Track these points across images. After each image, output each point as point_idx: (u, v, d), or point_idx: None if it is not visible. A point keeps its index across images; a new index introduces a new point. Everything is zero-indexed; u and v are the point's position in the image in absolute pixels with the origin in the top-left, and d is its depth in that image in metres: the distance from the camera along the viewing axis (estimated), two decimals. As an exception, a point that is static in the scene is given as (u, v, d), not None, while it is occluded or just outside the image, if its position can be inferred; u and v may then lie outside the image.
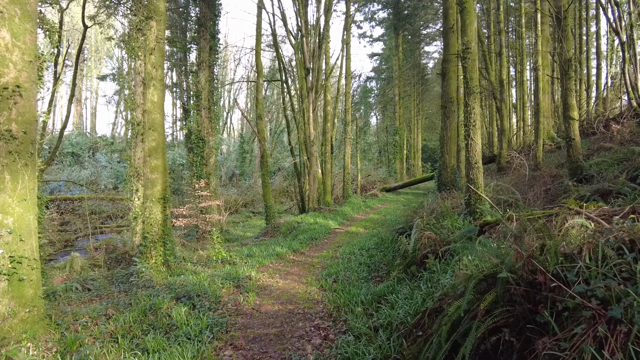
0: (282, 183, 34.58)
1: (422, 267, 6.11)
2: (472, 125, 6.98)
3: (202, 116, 18.71)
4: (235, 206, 25.69)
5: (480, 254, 4.36)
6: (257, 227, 20.28)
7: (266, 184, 16.53)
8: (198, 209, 17.23)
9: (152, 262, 10.03)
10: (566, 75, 8.51)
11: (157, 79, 10.48)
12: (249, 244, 13.79)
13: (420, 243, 6.22)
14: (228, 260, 10.39)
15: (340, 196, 25.27)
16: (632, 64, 15.90)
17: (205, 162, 18.68)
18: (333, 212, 17.75)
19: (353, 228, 14.51)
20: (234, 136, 54.75)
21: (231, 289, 7.07)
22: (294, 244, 11.54)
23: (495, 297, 2.78)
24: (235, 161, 43.36)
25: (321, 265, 9.03)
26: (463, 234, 5.92)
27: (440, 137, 14.37)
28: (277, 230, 15.14)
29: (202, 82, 18.82)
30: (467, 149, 7.03)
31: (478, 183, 6.91)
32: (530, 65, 29.71)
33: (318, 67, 19.17)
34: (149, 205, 10.20)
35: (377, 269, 8.45)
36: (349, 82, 24.31)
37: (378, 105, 52.20)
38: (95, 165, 37.00)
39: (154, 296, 6.79)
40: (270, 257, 10.05)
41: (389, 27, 41.18)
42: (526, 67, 30.71)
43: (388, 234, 12.13)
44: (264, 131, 17.37)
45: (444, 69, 13.95)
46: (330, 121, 22.82)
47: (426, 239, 6.16)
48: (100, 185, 32.35)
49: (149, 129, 10.32)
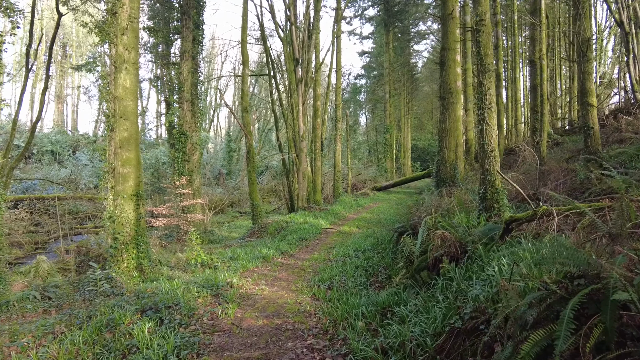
0: (270, 182, 33.50)
1: (435, 273, 5.17)
2: (488, 108, 6.07)
3: (184, 109, 17.59)
4: (220, 206, 24.56)
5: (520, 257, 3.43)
6: (244, 227, 19.22)
7: (252, 181, 15.48)
8: (179, 208, 16.10)
9: (123, 267, 8.97)
10: (584, 57, 7.69)
11: (130, 62, 9.41)
12: (234, 246, 12.76)
13: (432, 244, 5.27)
14: (208, 263, 9.34)
15: (331, 195, 24.31)
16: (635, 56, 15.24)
17: (188, 158, 17.57)
18: (324, 211, 16.78)
19: (345, 227, 13.55)
20: (221, 135, 53.47)
21: (208, 299, 6.04)
22: (283, 246, 10.54)
23: (603, 330, 1.84)
24: (222, 160, 42.13)
25: (313, 269, 8.05)
26: (484, 232, 5.00)
27: (438, 131, 13.48)
28: (264, 231, 14.12)
29: (184, 74, 17.70)
30: (482, 135, 6.11)
31: (495, 174, 6.01)
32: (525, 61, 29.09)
33: (308, 59, 18.19)
34: (120, 202, 9.14)
35: (376, 273, 7.51)
36: (340, 77, 23.38)
37: (368, 104, 51.44)
38: (75, 164, 35.48)
39: (117, 308, 5.75)
40: (255, 260, 9.04)
41: (379, 23, 40.46)
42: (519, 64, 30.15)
43: (385, 234, 11.20)
44: (250, 125, 16.33)
45: (442, 57, 13.06)
46: (320, 117, 21.84)
47: (439, 239, 5.22)
48: (80, 184, 30.90)
49: (120, 118, 9.25)
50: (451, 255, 5.09)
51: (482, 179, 6.16)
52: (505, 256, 3.99)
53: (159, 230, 17.08)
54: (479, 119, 6.22)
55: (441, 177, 12.90)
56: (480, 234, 5.02)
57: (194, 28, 18.16)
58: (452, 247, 5.09)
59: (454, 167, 12.93)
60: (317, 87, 21.59)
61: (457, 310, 3.68)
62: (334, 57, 24.00)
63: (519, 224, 4.60)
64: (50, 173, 31.80)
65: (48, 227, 18.37)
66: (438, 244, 5.20)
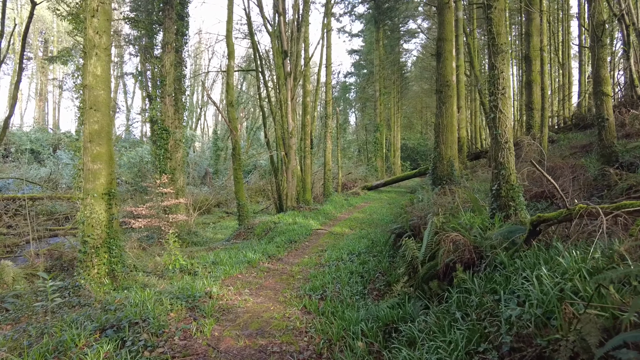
0: (258, 181, 32.59)
1: (446, 282, 4.44)
2: (501, 93, 5.37)
3: (166, 104, 16.67)
4: (206, 206, 23.62)
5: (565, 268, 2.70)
6: (230, 228, 18.36)
7: (238, 180, 14.63)
8: (160, 208, 15.19)
9: (93, 273, 8.11)
10: (598, 42, 7.06)
11: (101, 47, 8.53)
12: (218, 248, 11.92)
13: (443, 249, 4.53)
14: (188, 269, 8.51)
15: (321, 194, 23.55)
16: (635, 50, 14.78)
17: (170, 155, 16.65)
18: (314, 211, 16.01)
19: (337, 228, 12.79)
20: (208, 133, 52.36)
21: (183, 313, 5.22)
22: (270, 248, 9.73)
23: None
24: (209, 159, 41.12)
25: (303, 276, 7.26)
26: (503, 235, 4.27)
27: (434, 126, 12.80)
28: (250, 232, 13.29)
29: (166, 66, 16.77)
30: (495, 124, 5.40)
31: (510, 168, 5.30)
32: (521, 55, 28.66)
33: (297, 52, 17.40)
34: (90, 202, 8.27)
35: (373, 279, 6.76)
36: (330, 73, 22.63)
37: (357, 103, 50.83)
38: (56, 162, 34.18)
39: (74, 324, 4.92)
40: (239, 265, 8.22)
41: (369, 20, 39.90)
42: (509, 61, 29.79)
43: (380, 235, 10.48)
44: (236, 120, 15.47)
45: (438, 48, 12.38)
46: (309, 114, 21.05)
47: (450, 243, 4.48)
48: (60, 183, 29.68)
49: (90, 109, 8.37)
50: (465, 261, 4.36)
51: (496, 174, 5.44)
52: (540, 265, 3.26)
53: (139, 231, 16.18)
54: (491, 106, 5.50)
55: (438, 175, 12.22)
56: (499, 237, 4.29)
57: (177, 19, 17.26)
58: (467, 252, 4.36)
59: (451, 164, 12.27)
60: (306, 82, 20.81)
61: (485, 336, 2.93)
62: (323, 52, 23.25)
63: (549, 225, 3.88)
64: (29, 172, 30.53)
65: (20, 229, 17.28)
66: (450, 249, 4.46)
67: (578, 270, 2.77)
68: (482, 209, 6.95)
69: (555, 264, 3.16)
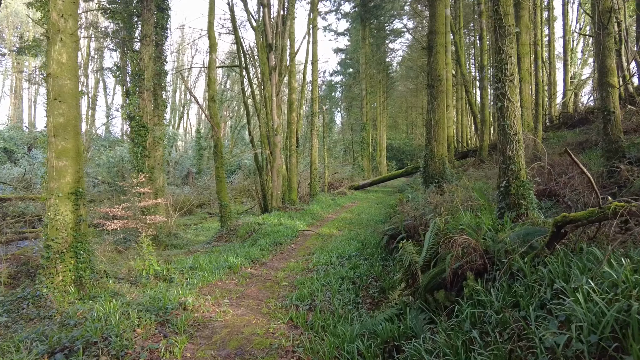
0: (242, 181, 31.78)
1: (455, 292, 3.87)
2: (509, 80, 4.84)
3: (144, 99, 15.85)
4: (188, 206, 22.78)
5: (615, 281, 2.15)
6: (212, 229, 17.62)
7: (221, 179, 13.91)
8: (137, 208, 14.38)
9: (57, 281, 7.36)
10: (604, 30, 6.62)
11: (67, 32, 7.78)
12: (198, 251, 11.21)
13: (451, 254, 3.97)
14: (164, 275, 7.81)
15: (307, 194, 22.93)
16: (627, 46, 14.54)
17: (148, 154, 15.83)
18: (300, 212, 15.39)
19: (325, 229, 12.20)
20: (191, 132, 51.26)
21: (152, 328, 4.56)
22: (253, 252, 9.07)
23: None
24: (191, 159, 40.13)
25: (289, 282, 6.63)
26: (519, 238, 3.73)
27: (426, 122, 12.30)
28: (233, 234, 12.60)
29: (145, 60, 15.96)
30: (502, 114, 4.87)
31: (520, 163, 4.78)
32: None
33: (282, 46, 16.75)
34: (54, 202, 7.53)
35: (366, 286, 6.18)
36: (316, 69, 22.02)
37: (344, 102, 50.38)
38: (30, 162, 32.85)
39: (24, 343, 4.23)
40: (220, 270, 7.55)
41: (356, 18, 39.53)
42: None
43: (370, 236, 9.93)
44: (218, 116, 14.75)
45: (430, 41, 11.88)
46: (295, 111, 20.41)
47: (459, 247, 3.92)
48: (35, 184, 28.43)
49: (54, 100, 7.63)
50: (476, 268, 3.80)
51: (504, 169, 4.91)
52: (573, 274, 2.70)
53: (116, 233, 15.37)
54: (497, 94, 4.97)
55: (429, 173, 11.72)
56: (515, 240, 3.75)
57: (157, 11, 16.46)
58: (478, 257, 3.80)
59: (443, 161, 11.79)
60: (292, 79, 20.17)
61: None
62: (309, 48, 22.63)
63: (576, 226, 3.34)
64: (1, 172, 29.23)
65: (-14, 232, 16.23)
66: (458, 254, 3.90)
67: (637, 285, 2.22)
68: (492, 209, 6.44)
69: (596, 273, 2.61)
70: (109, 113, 40.95)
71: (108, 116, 39.16)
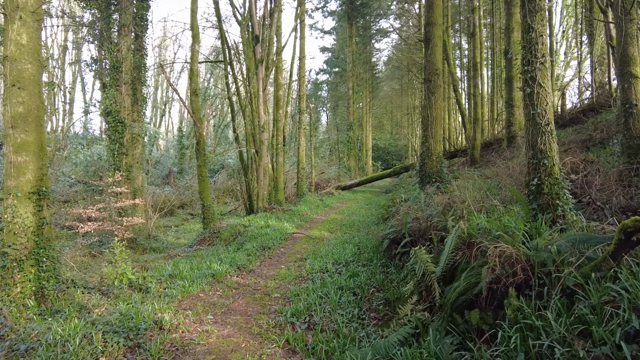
0: (226, 181, 30.76)
1: (491, 312, 3.17)
2: (540, 62, 4.19)
3: (122, 93, 14.88)
4: (169, 207, 21.75)
5: None
6: (194, 231, 16.71)
7: (203, 178, 13.03)
8: (114, 209, 13.39)
9: (14, 292, 6.46)
10: (627, 16, 6.06)
11: (27, 9, 6.88)
12: (179, 256, 10.35)
13: (488, 266, 3.26)
14: (139, 284, 6.96)
15: (293, 194, 22.15)
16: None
17: (126, 151, 14.85)
18: (288, 213, 14.60)
19: (315, 232, 11.45)
20: (173, 130, 49.91)
21: (119, 355, 3.75)
22: (239, 257, 8.25)
23: None
24: (173, 158, 38.89)
25: (281, 294, 5.85)
26: (572, 246, 3.05)
27: (422, 119, 11.67)
28: (217, 237, 11.74)
29: (123, 51, 14.99)
30: (532, 101, 4.21)
31: (553, 157, 4.14)
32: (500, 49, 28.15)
33: (269, 39, 15.94)
34: (12, 203, 6.63)
35: (369, 297, 5.47)
36: (303, 65, 21.25)
37: (330, 101, 49.77)
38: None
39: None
40: (202, 279, 6.73)
41: (342, 16, 39.01)
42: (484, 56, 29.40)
43: (365, 239, 9.22)
44: (200, 111, 13.86)
45: (427, 33, 11.24)
46: (282, 108, 19.61)
47: (497, 257, 3.23)
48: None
49: (12, 86, 6.73)
50: (518, 284, 3.11)
51: (535, 165, 4.25)
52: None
53: (90, 236, 14.35)
54: (526, 79, 4.31)
55: (426, 172, 11.08)
56: (565, 248, 3.07)
57: (136, 0, 15.50)
58: (520, 270, 3.11)
59: (440, 160, 11.17)
60: (278, 75, 19.37)
61: None
62: (297, 44, 21.89)
63: (652, 233, 2.68)
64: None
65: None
66: (496, 264, 3.20)
67: None
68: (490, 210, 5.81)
69: None
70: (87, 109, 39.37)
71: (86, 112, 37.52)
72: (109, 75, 14.88)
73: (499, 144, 21.03)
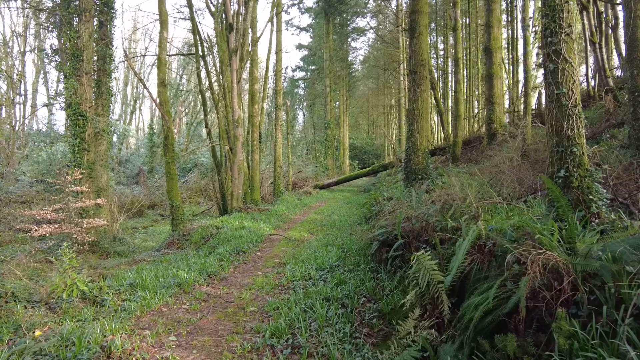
0: (199, 181, 29.57)
1: (530, 337, 2.48)
2: (565, 34, 3.56)
3: (83, 84, 13.70)
4: (137, 207, 20.53)
5: None
6: (164, 233, 15.67)
7: (171, 176, 12.04)
8: (74, 210, 12.25)
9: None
10: (638, -4, 5.57)
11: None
12: (144, 260, 9.39)
13: (527, 278, 2.57)
14: (94, 296, 6.02)
15: (270, 194, 21.28)
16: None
17: (88, 147, 13.70)
18: (264, 213, 13.76)
19: (295, 233, 10.66)
20: (144, 129, 48.12)
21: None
22: (210, 263, 7.38)
23: None
24: (144, 157, 37.34)
25: (258, 307, 5.05)
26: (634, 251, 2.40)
27: (407, 112, 11.05)
28: (186, 239, 10.81)
29: (84, 39, 13.81)
30: (556, 79, 3.57)
31: (582, 144, 3.52)
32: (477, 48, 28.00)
33: (244, 28, 15.05)
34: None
35: (360, 309, 4.74)
36: (280, 59, 20.44)
37: (306, 100, 49.05)
38: None
39: None
40: (167, 289, 5.85)
41: (319, 13, 38.38)
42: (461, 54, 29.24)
43: (350, 241, 8.50)
44: (169, 103, 12.85)
45: (412, 21, 10.63)
46: (258, 103, 18.72)
47: (538, 265, 2.55)
48: None
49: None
50: (564, 300, 2.43)
51: (560, 154, 3.60)
52: None
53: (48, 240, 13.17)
54: (548, 53, 3.67)
55: (412, 169, 10.46)
56: (629, 256, 2.41)
57: (99, -16, 14.36)
58: (567, 285, 2.43)
59: (427, 156, 10.59)
60: (254, 68, 18.46)
61: None
62: (273, 37, 21.05)
63: None
64: None
65: None
66: (536, 274, 2.52)
67: None
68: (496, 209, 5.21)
69: None
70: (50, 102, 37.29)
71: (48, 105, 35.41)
72: (69, 64, 13.68)
73: (479, 141, 20.75)
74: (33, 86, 36.95)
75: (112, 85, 16.13)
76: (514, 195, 6.17)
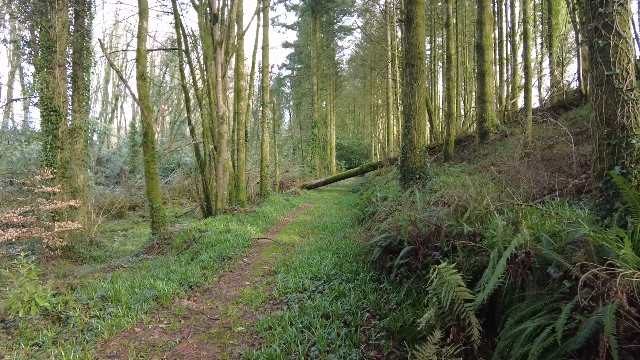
0: (182, 181, 28.62)
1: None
2: (619, 3, 3.00)
3: (55, 77, 12.81)
4: (117, 209, 19.59)
5: None
6: (145, 236, 14.84)
7: (151, 176, 11.24)
8: (45, 213, 11.36)
9: None
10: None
11: None
12: (122, 267, 8.61)
13: (614, 306, 1.97)
14: (58, 312, 5.26)
15: (256, 194, 20.56)
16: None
17: (61, 144, 12.80)
18: (251, 214, 13.04)
19: (284, 236, 9.98)
20: (125, 127, 46.77)
21: None
22: (192, 271, 6.66)
23: None
24: (125, 156, 36.12)
25: (247, 326, 4.36)
26: None
27: (404, 108, 10.48)
28: (167, 244, 10.05)
29: (57, 28, 12.92)
30: (605, 57, 2.99)
31: (639, 134, 2.95)
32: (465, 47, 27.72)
33: (229, 21, 14.32)
34: None
35: (365, 327, 4.12)
36: (267, 54, 19.71)
37: (293, 98, 48.32)
38: None
39: None
40: (142, 304, 5.13)
41: (306, 10, 37.71)
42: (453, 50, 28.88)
43: (345, 246, 7.87)
44: (149, 98, 12.07)
45: (408, 12, 10.05)
46: (244, 99, 17.99)
47: (621, 286, 1.95)
48: None
49: None
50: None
51: (612, 147, 3.03)
52: None
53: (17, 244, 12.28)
54: (596, 27, 3.07)
55: (409, 168, 9.88)
56: None
57: (72, -31, 13.47)
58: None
59: (424, 154, 10.02)
60: (240, 64, 17.74)
61: None
62: (259, 32, 20.28)
63: None
64: None
65: None
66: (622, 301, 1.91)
67: None
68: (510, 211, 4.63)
69: None
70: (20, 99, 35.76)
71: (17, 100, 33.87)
72: (41, 55, 12.77)
73: (470, 140, 20.38)
74: (9, 83, 35.45)
75: (91, 81, 15.26)
76: (529, 196, 5.62)
